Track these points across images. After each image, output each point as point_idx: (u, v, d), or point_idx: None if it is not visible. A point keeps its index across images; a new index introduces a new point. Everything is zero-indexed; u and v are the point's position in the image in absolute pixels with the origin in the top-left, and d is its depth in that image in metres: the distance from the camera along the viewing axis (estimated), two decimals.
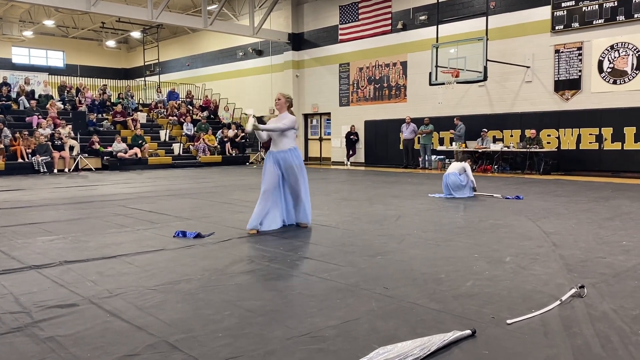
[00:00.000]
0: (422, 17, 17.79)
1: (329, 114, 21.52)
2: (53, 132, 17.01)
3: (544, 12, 14.91)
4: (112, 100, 22.02)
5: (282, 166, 5.74)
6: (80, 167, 17.04)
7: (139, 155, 18.07)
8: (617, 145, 13.62)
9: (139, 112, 21.60)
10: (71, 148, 17.14)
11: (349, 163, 19.95)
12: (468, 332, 2.67)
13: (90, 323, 2.90)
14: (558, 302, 3.16)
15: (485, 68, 14.06)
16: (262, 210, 5.68)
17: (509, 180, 12.57)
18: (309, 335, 2.71)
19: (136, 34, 28.68)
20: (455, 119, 16.35)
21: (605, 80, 13.96)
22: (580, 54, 14.33)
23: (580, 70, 14.37)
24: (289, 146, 5.77)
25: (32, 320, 2.95)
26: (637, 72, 13.45)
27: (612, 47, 13.79)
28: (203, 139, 20.23)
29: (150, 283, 3.70)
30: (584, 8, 14.13)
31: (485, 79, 14.30)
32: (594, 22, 13.99)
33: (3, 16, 25.30)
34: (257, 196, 5.82)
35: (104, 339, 2.68)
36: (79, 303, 3.25)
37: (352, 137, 19.88)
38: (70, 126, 17.54)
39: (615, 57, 13.76)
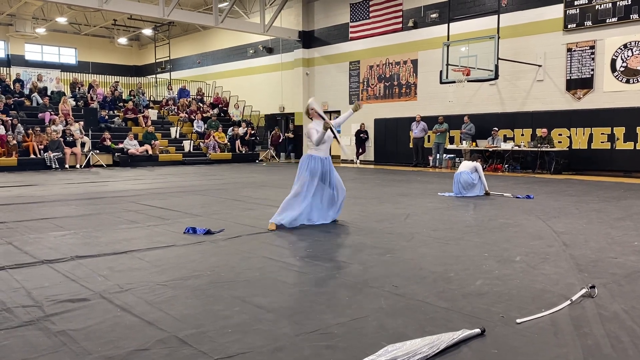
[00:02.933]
0: (433, 15, 17.72)
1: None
2: (65, 128, 17.15)
3: (556, 11, 14.79)
4: (123, 97, 22.15)
5: (326, 173, 5.91)
6: (91, 164, 17.17)
7: (150, 152, 18.18)
8: (629, 145, 13.49)
9: (150, 109, 21.71)
10: (83, 144, 17.28)
11: (358, 161, 19.92)
12: (477, 330, 2.66)
13: (101, 317, 2.92)
14: (568, 302, 3.15)
15: (497, 66, 13.98)
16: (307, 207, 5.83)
17: (519, 179, 12.50)
18: (318, 332, 2.72)
19: (148, 32, 28.83)
20: (465, 118, 16.28)
21: (618, 79, 13.83)
22: (592, 53, 14.20)
23: (592, 69, 14.24)
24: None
25: (44, 314, 2.98)
26: None
27: (625, 45, 13.65)
28: (213, 137, 20.31)
29: (160, 278, 3.73)
30: (597, 6, 14.00)
31: (496, 77, 14.23)
32: (607, 21, 13.85)
33: (16, 13, 25.54)
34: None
35: (114, 333, 2.70)
36: (90, 298, 3.28)
37: (361, 135, 19.85)
38: (79, 123, 17.67)
39: (628, 56, 13.62)
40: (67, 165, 16.35)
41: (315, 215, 5.96)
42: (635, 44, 13.49)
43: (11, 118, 16.68)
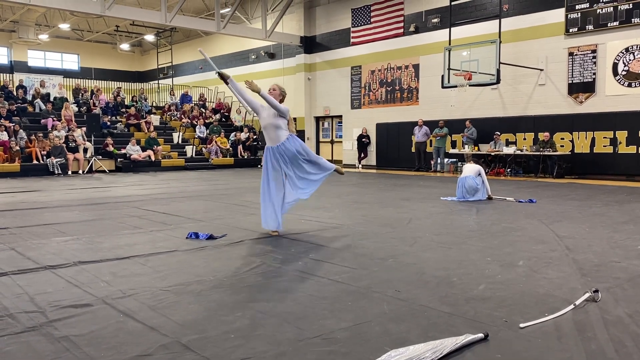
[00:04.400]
0: (435, 20, 17.75)
1: (340, 116, 21.53)
2: (68, 134, 17.20)
3: (557, 15, 14.81)
4: (125, 103, 22.22)
5: (285, 159, 5.56)
6: (94, 169, 17.20)
7: (152, 157, 18.21)
8: (632, 149, 13.48)
9: (152, 115, 21.77)
10: (85, 150, 17.32)
11: (360, 166, 19.93)
12: (480, 335, 2.65)
13: (103, 323, 2.92)
14: (572, 307, 3.14)
15: (498, 71, 13.99)
16: (274, 209, 5.65)
17: (522, 183, 12.48)
18: (321, 337, 2.71)
19: (150, 37, 28.94)
20: (467, 122, 16.29)
21: (620, 83, 13.83)
22: (594, 57, 14.20)
23: (594, 73, 14.24)
24: (285, 137, 5.59)
25: (47, 319, 2.98)
26: None
27: (627, 49, 13.65)
28: (215, 142, 20.34)
29: (163, 284, 3.73)
30: (598, 10, 14.01)
31: (498, 81, 14.24)
32: (609, 25, 13.86)
33: (19, 20, 25.67)
34: None
35: (117, 338, 2.70)
36: (93, 303, 3.28)
37: (363, 139, 19.86)
38: (82, 129, 17.71)
39: (630, 60, 13.62)
40: (69, 171, 16.38)
41: (290, 197, 5.74)
42: (636, 47, 13.49)
43: (14, 124, 16.73)
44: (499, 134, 15.55)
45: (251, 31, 21.55)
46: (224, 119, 23.41)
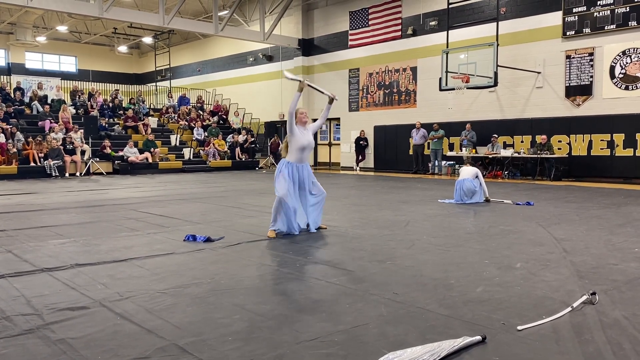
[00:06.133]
0: (432, 23, 17.79)
1: (338, 119, 21.54)
2: (65, 136, 17.17)
3: (555, 18, 14.85)
4: (123, 105, 22.19)
5: (305, 179, 5.83)
6: (91, 171, 17.17)
7: (150, 159, 18.19)
8: (629, 152, 13.51)
9: (150, 117, 21.75)
10: (83, 152, 17.29)
11: (358, 168, 19.94)
12: (478, 338, 2.65)
13: (101, 326, 2.92)
14: (569, 309, 3.14)
15: (496, 73, 14.02)
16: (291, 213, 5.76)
17: (519, 186, 12.50)
18: (318, 339, 2.71)
19: (148, 40, 28.93)
20: (467, 125, 16.31)
21: (617, 86, 13.87)
22: (591, 60, 14.24)
23: (591, 76, 14.28)
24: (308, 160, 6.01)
25: (44, 322, 2.97)
26: None
27: (624, 52, 13.70)
28: (213, 144, 20.33)
29: (160, 286, 3.72)
30: (595, 14, 14.06)
31: (495, 84, 14.27)
32: (606, 28, 13.91)
33: (17, 22, 25.64)
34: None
35: (114, 341, 2.69)
36: (90, 306, 3.27)
37: (361, 142, 19.87)
38: (80, 131, 17.69)
39: (627, 63, 13.66)
40: (67, 173, 16.36)
41: (301, 222, 5.93)
42: (633, 50, 13.53)
43: (11, 126, 16.70)
44: (496, 136, 15.58)
45: (249, 34, 21.56)
46: (221, 122, 23.40)
